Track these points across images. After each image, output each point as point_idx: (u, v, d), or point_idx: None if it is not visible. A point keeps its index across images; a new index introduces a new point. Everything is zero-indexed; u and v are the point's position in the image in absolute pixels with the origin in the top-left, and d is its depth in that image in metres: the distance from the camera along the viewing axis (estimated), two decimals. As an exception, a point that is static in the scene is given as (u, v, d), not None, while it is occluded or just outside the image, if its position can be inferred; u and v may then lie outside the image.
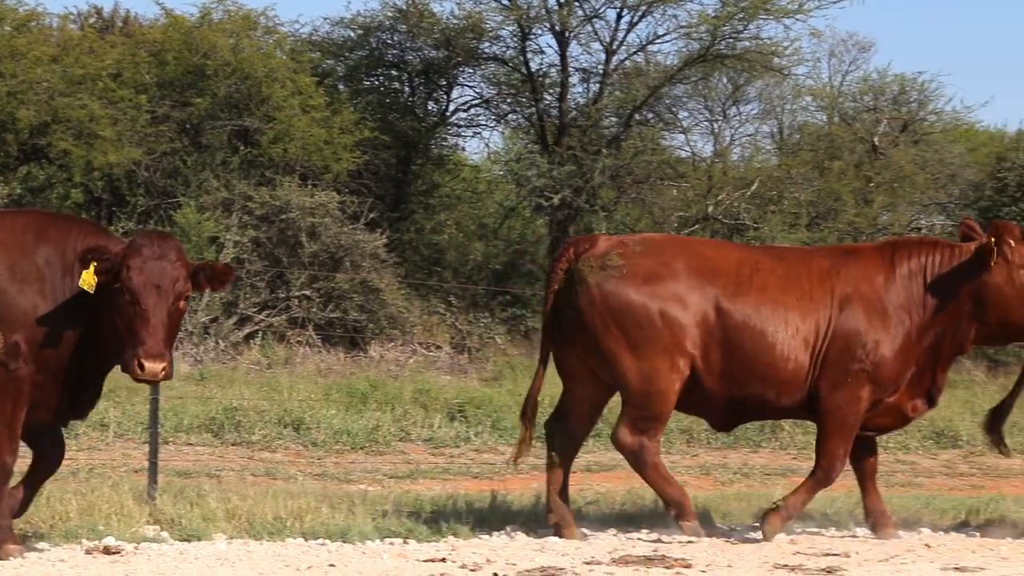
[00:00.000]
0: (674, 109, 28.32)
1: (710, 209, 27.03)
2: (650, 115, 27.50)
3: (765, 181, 27.80)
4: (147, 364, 8.45)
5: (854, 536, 10.69)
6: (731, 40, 26.02)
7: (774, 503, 10.50)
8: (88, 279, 8.60)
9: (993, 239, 10.30)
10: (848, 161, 28.35)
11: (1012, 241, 10.35)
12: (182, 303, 8.71)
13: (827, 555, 9.69)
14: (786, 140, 31.44)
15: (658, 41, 26.55)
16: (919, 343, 10.38)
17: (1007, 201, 25.73)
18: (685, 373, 10.14)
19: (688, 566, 9.12)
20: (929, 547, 10.21)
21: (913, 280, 10.43)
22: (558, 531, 10.31)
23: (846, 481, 15.56)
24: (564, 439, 10.54)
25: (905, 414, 10.67)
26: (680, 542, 10.12)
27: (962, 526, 11.37)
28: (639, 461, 10.21)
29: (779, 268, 10.38)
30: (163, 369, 8.52)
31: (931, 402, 10.70)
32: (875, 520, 10.69)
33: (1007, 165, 26.47)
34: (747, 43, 26.27)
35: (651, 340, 10.08)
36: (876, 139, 29.18)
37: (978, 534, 10.92)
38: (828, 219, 27.06)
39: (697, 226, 26.79)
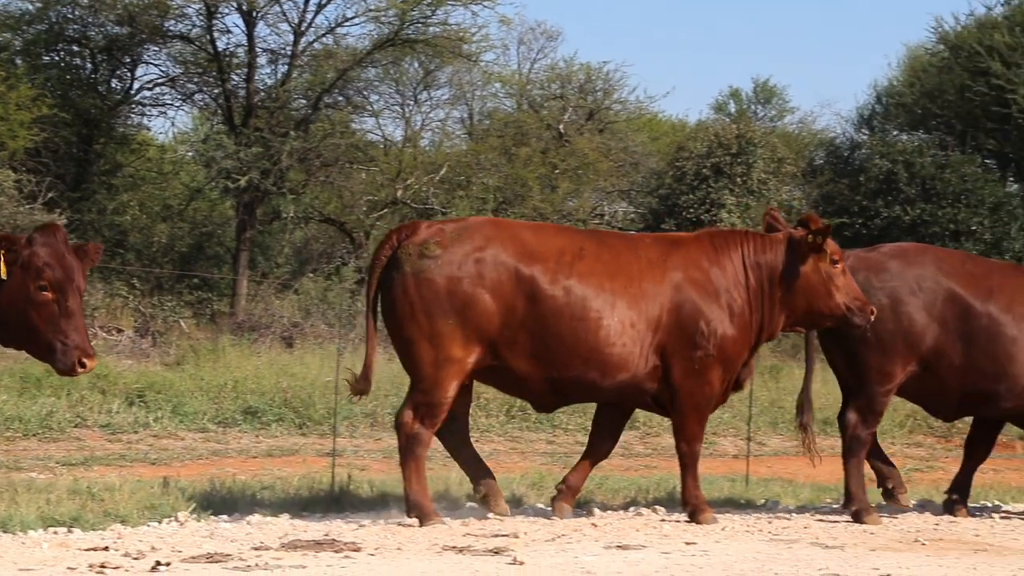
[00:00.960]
0: (364, 93, 28.29)
1: (399, 193, 27.09)
2: (340, 98, 27.41)
3: (454, 166, 28.00)
4: (88, 363, 8.92)
5: (525, 516, 10.84)
6: (420, 25, 26.12)
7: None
8: (2, 266, 8.88)
9: (810, 232, 10.84)
10: (535, 147, 28.77)
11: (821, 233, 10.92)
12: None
13: (496, 536, 9.81)
14: (476, 126, 31.74)
15: (347, 24, 26.51)
16: (751, 323, 10.83)
17: (685, 189, 26.49)
18: (472, 363, 10.26)
19: (357, 549, 9.13)
20: (595, 526, 10.45)
21: (734, 266, 10.85)
22: (486, 502, 10.58)
23: (523, 463, 15.87)
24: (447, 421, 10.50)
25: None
26: (351, 527, 10.12)
27: (631, 505, 11.68)
28: (408, 449, 10.30)
29: (606, 254, 10.59)
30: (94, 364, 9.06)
31: (738, 386, 11.21)
32: (561, 494, 10.90)
33: (686, 155, 27.24)
34: (436, 29, 26.40)
35: (451, 331, 10.19)
36: (562, 126, 29.70)
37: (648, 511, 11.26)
38: (515, 204, 27.43)
39: (386, 210, 26.84)
